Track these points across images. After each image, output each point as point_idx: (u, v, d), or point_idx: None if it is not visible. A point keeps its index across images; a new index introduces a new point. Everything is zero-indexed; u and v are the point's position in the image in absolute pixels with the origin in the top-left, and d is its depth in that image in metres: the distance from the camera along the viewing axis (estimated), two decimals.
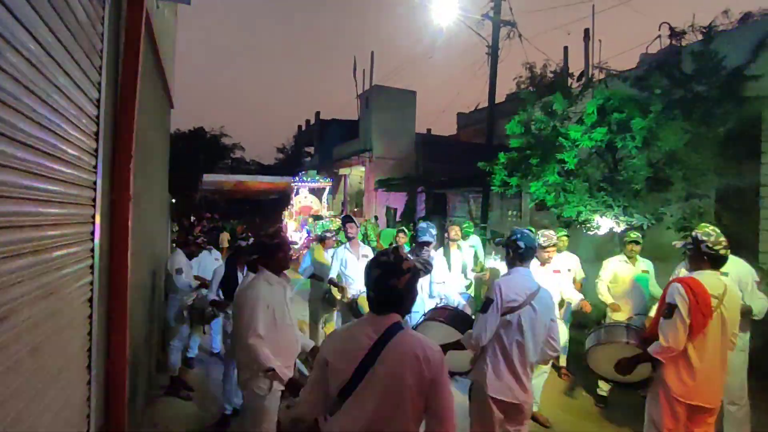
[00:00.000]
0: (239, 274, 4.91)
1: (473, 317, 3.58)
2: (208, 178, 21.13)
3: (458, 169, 15.37)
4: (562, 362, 5.97)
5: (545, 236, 4.52)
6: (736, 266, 3.86)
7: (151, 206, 5.27)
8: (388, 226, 17.19)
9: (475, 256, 7.78)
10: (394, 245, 4.88)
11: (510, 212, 12.81)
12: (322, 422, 1.92)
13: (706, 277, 2.98)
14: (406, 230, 8.01)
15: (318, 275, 6.22)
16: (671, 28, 7.69)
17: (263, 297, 2.93)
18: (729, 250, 3.07)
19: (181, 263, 5.42)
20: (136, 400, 3.77)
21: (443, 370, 1.78)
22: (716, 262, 3.03)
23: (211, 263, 6.46)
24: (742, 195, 6.93)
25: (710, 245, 3.01)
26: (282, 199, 19.37)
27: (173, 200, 25.62)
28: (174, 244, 5.64)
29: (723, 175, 6.44)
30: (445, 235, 6.75)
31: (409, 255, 2.00)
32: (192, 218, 19.36)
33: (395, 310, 1.89)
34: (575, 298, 4.82)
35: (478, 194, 13.35)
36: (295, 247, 15.55)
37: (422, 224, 4.36)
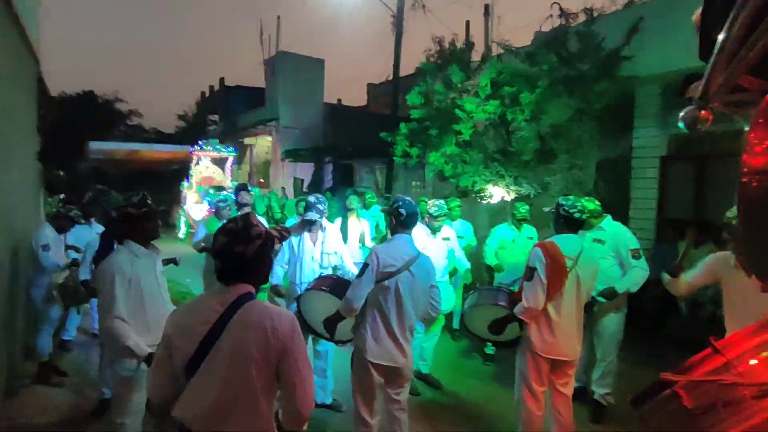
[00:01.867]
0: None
1: None
2: (95, 146, 19.16)
3: (367, 141, 15.32)
4: (456, 326, 6.25)
5: (435, 206, 4.63)
6: (616, 232, 4.16)
7: (9, 176, 4.62)
8: (295, 197, 16.83)
9: (377, 227, 7.83)
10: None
11: (414, 183, 13.06)
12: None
13: (563, 240, 3.22)
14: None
15: (210, 248, 5.90)
16: (561, 9, 8.08)
17: (122, 271, 2.70)
18: (585, 215, 3.33)
19: (47, 238, 4.83)
20: None
21: (294, 339, 1.71)
22: (572, 224, 3.27)
23: (89, 237, 5.87)
24: (616, 166, 7.58)
25: (567, 209, 3.25)
26: (183, 170, 18.10)
27: (61, 172, 23.02)
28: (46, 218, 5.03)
29: (601, 147, 7.00)
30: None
31: (261, 221, 1.87)
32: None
33: (245, 280, 1.78)
34: (464, 265, 5.01)
35: (384, 165, 13.45)
36: (196, 220, 14.73)
37: (310, 198, 4.26)
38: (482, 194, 7.43)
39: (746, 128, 1.54)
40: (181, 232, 15.65)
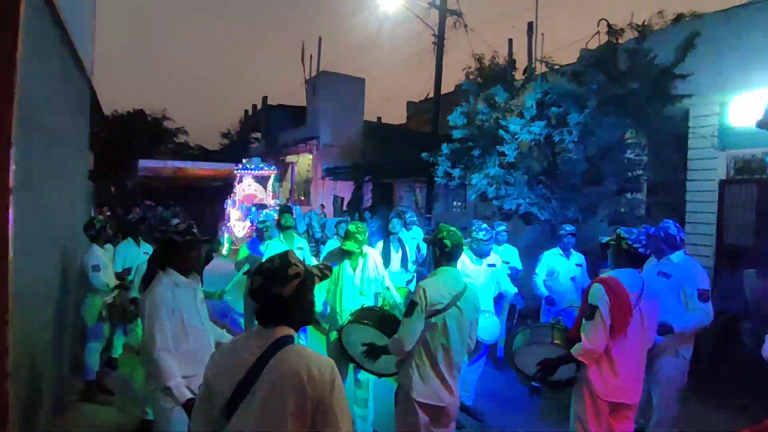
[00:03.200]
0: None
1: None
2: (143, 164, 20.03)
3: (407, 159, 15.31)
4: (501, 354, 6.02)
5: (482, 230, 4.49)
6: (686, 268, 3.71)
7: (60, 196, 4.80)
8: (335, 216, 16.95)
9: (418, 248, 7.72)
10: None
11: (455, 203, 12.90)
12: None
13: (625, 276, 3.00)
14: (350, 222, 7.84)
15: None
16: (609, 25, 7.85)
17: (164, 302, 2.67)
18: (648, 250, 3.10)
19: (97, 259, 4.97)
20: (35, 410, 3.41)
21: (333, 389, 1.61)
22: (635, 259, 3.06)
23: (137, 257, 6.02)
24: (670, 190, 7.21)
25: (631, 242, 3.04)
26: (226, 187, 18.61)
27: (112, 188, 24.15)
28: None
29: (654, 170, 6.68)
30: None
31: (299, 260, 1.81)
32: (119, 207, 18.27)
33: (283, 322, 1.71)
34: (510, 291, 4.82)
35: (425, 184, 13.36)
36: (238, 237, 15.05)
37: (350, 227, 4.15)
38: (527, 217, 7.21)
39: None
40: (224, 249, 16.00)
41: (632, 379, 3.00)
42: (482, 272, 4.60)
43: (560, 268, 5.39)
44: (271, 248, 5.47)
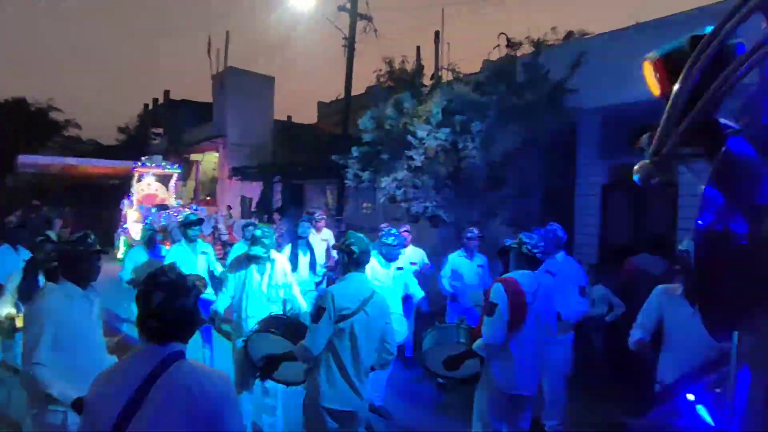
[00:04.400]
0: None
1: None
2: (25, 159, 17.87)
3: (317, 159, 15.16)
4: (407, 353, 6.16)
5: (393, 235, 4.63)
6: (568, 268, 4.30)
7: None
8: (242, 217, 16.35)
9: (328, 251, 7.68)
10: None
11: (365, 205, 13.02)
12: None
13: (522, 276, 3.26)
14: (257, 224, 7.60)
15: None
16: (508, 39, 8.36)
17: (51, 314, 2.45)
18: (544, 255, 3.40)
19: None
20: None
21: (226, 404, 1.56)
22: (532, 263, 3.33)
23: (14, 266, 5.33)
24: (562, 195, 7.86)
25: (530, 247, 3.29)
26: (123, 186, 17.10)
27: None
28: None
29: (547, 176, 7.24)
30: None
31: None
32: None
33: (177, 338, 1.62)
34: (417, 295, 4.95)
35: (335, 186, 13.33)
36: (136, 240, 13.94)
37: (256, 232, 4.07)
38: (434, 219, 7.47)
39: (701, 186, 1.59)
40: (120, 252, 14.73)
41: (529, 372, 3.25)
42: (391, 276, 4.69)
43: (464, 269, 5.65)
44: (173, 253, 5.14)
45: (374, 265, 4.49)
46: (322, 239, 7.42)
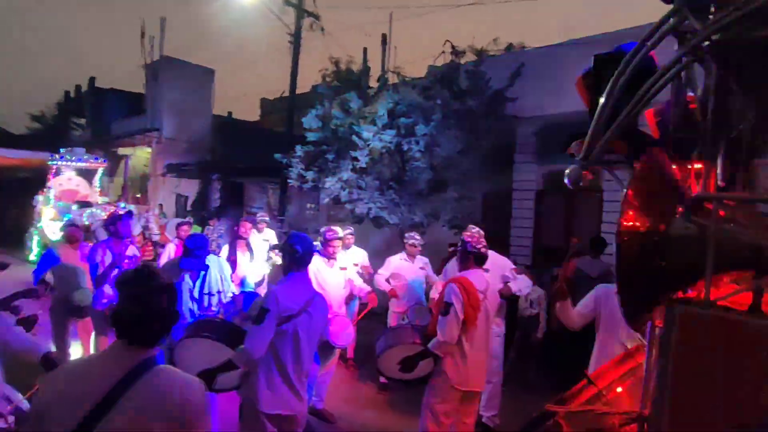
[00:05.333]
0: None
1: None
2: None
3: (259, 158, 14.80)
4: (349, 353, 6.18)
5: (331, 230, 4.61)
6: (496, 262, 4.42)
7: None
8: (177, 216, 15.67)
9: (270, 250, 7.56)
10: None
11: (308, 205, 12.91)
12: None
13: (473, 275, 3.37)
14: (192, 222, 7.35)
15: (60, 282, 4.97)
16: (453, 47, 8.62)
17: None
18: (488, 249, 3.52)
19: None
20: None
21: (202, 414, 1.54)
22: (479, 259, 3.45)
23: None
24: (500, 198, 8.20)
25: (474, 245, 3.42)
26: (36, 180, 15.63)
27: None
28: None
29: (487, 180, 7.53)
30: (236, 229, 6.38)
31: None
32: None
33: (151, 341, 1.57)
34: (364, 288, 4.99)
35: (278, 185, 13.11)
36: (52, 240, 12.94)
37: (188, 242, 3.89)
38: (378, 221, 7.55)
39: (624, 190, 1.74)
40: (33, 254, 13.53)
41: (480, 368, 3.39)
42: (335, 275, 4.69)
43: (405, 272, 5.74)
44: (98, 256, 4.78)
45: (319, 266, 4.48)
46: (263, 239, 7.30)
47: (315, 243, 3.84)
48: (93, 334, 5.00)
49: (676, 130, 1.71)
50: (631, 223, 1.46)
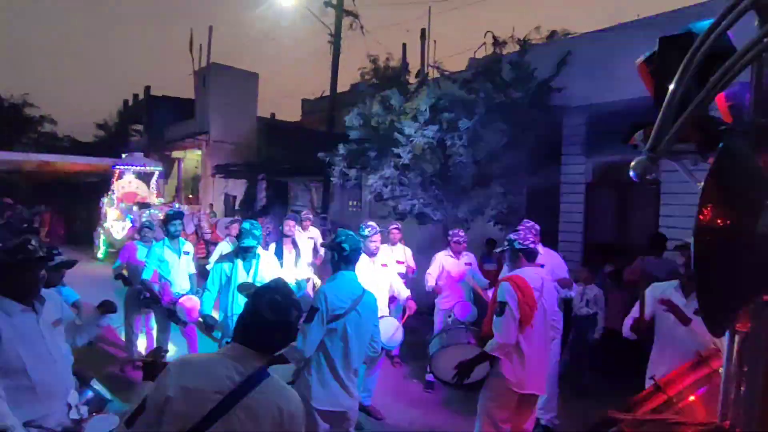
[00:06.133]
0: None
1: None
2: None
3: (302, 157, 15.03)
4: (395, 350, 6.15)
5: (369, 226, 4.54)
6: (552, 257, 4.32)
7: None
8: (226, 215, 16.16)
9: (315, 248, 7.63)
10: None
11: (350, 203, 12.97)
12: None
13: (526, 273, 3.23)
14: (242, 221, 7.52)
15: (129, 276, 5.48)
16: (494, 38, 8.41)
17: None
18: (537, 243, 3.38)
19: None
20: None
21: (302, 427, 1.63)
22: (529, 255, 3.30)
23: None
24: (547, 193, 7.92)
25: (522, 242, 3.28)
26: (102, 184, 16.71)
27: None
28: None
29: (532, 174, 7.29)
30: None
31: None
32: None
33: (268, 350, 1.65)
34: (403, 294, 4.87)
35: (320, 183, 13.24)
36: (117, 239, 13.68)
37: (245, 224, 4.08)
38: (421, 217, 7.47)
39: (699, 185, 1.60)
40: (100, 252, 14.44)
41: (540, 370, 3.22)
42: (375, 273, 4.64)
43: (450, 268, 5.65)
44: (155, 252, 5.05)
45: (361, 264, 4.45)
46: (308, 237, 7.37)
47: None
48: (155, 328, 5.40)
49: (759, 115, 1.54)
50: (711, 220, 1.32)
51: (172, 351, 5.30)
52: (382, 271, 4.79)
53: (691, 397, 2.21)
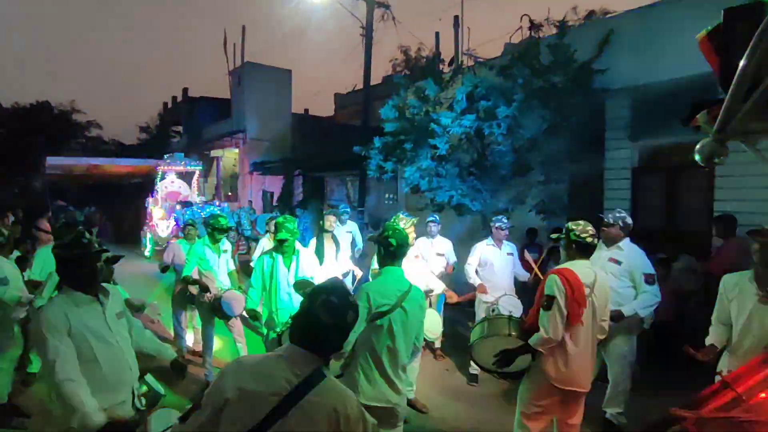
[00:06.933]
0: None
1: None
2: (53, 161, 18.30)
3: (336, 151, 15.13)
4: (437, 344, 6.10)
5: (401, 219, 4.40)
6: (633, 255, 4.03)
7: None
8: (264, 212, 16.46)
9: (352, 242, 7.66)
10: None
11: (387, 196, 12.93)
12: None
13: (578, 267, 3.09)
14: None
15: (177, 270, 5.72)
16: (531, 21, 8.17)
17: (53, 326, 2.31)
18: (596, 239, 3.22)
19: (3, 272, 4.39)
20: None
21: (359, 428, 1.60)
22: (585, 250, 3.15)
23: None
24: (590, 179, 7.63)
25: (578, 233, 3.13)
26: (146, 184, 17.39)
27: (15, 189, 21.81)
28: None
29: (575, 160, 7.03)
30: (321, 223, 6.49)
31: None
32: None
33: (323, 351, 1.65)
34: (438, 287, 4.70)
35: (356, 177, 13.26)
36: (162, 237, 14.20)
37: (278, 219, 4.17)
38: (459, 208, 7.35)
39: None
40: (147, 250, 15.04)
41: (584, 368, 3.09)
42: (409, 264, 4.58)
43: (492, 258, 5.53)
44: (197, 250, 5.17)
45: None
46: (347, 231, 7.40)
47: None
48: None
49: None
50: None
51: (218, 345, 5.44)
52: (416, 264, 4.72)
53: (762, 394, 2.06)
